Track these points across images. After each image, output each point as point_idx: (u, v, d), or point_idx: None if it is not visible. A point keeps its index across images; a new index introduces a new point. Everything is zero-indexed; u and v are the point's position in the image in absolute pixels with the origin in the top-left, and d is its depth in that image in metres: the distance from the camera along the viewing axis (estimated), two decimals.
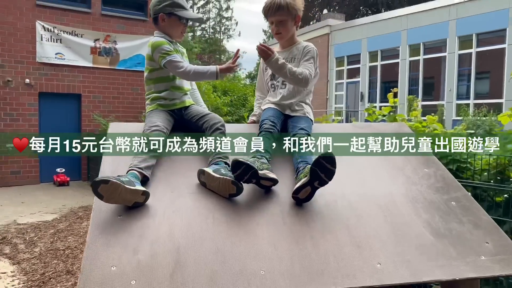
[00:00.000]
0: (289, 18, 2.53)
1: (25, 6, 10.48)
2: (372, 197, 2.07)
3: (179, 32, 2.52)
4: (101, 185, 1.69)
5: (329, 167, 1.89)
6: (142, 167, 1.94)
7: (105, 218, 1.74)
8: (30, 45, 10.60)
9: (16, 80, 10.52)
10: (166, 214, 1.80)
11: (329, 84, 20.87)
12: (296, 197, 1.97)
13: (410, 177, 2.25)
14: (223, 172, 1.96)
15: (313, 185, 1.93)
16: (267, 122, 2.33)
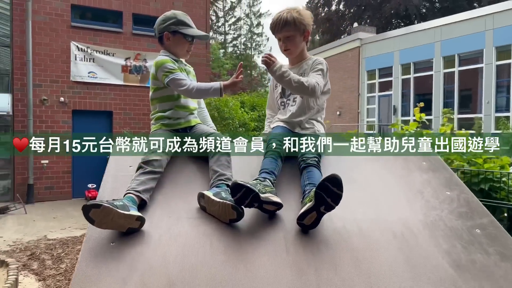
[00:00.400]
0: (297, 34, 2.44)
1: (61, 28, 10.90)
2: (385, 223, 1.91)
3: (184, 50, 2.47)
4: (92, 210, 1.62)
5: (335, 190, 1.75)
6: (139, 190, 1.87)
7: (97, 244, 1.66)
8: (64, 65, 10.99)
9: (51, 98, 10.90)
10: (161, 241, 1.71)
11: (361, 98, 20.51)
12: (301, 223, 1.84)
13: (429, 201, 2.07)
14: (224, 195, 1.86)
15: (319, 210, 1.79)
16: (274, 142, 2.22)
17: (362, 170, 2.29)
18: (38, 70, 10.72)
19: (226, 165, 2.10)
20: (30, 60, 10.53)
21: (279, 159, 2.15)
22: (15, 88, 10.60)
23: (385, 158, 2.41)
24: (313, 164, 2.11)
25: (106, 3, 11.46)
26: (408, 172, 2.29)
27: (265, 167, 2.07)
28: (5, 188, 11.21)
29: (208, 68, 13.09)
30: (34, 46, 10.56)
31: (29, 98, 10.55)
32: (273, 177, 2.01)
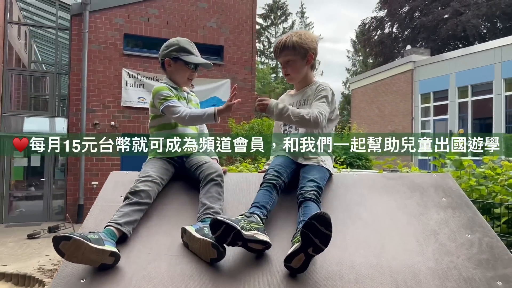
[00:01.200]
0: (297, 58, 2.29)
1: (114, 56, 11.47)
2: (389, 271, 1.67)
3: (185, 78, 2.40)
4: (62, 242, 1.54)
5: (323, 230, 1.56)
6: (121, 223, 1.78)
7: (67, 280, 1.58)
8: (116, 91, 11.50)
9: (103, 122, 11.40)
10: (133, 280, 1.59)
11: (414, 122, 19.66)
12: (289, 266, 1.64)
13: (444, 245, 1.80)
14: (206, 232, 1.72)
15: (306, 252, 1.60)
16: (270, 173, 2.06)
17: (370, 205, 2.06)
18: (92, 96, 11.29)
19: (216, 197, 1.97)
20: (85, 86, 11.13)
21: (274, 191, 1.98)
22: (71, 113, 11.22)
23: (399, 192, 2.16)
24: (311, 198, 1.92)
25: (156, 32, 11.95)
26: (424, 209, 2.03)
27: (256, 201, 1.92)
28: (59, 208, 11.77)
29: (252, 93, 13.15)
30: (89, 73, 11.17)
31: (82, 122, 11.10)
32: (263, 212, 1.85)
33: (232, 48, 12.90)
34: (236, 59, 12.93)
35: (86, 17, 11.12)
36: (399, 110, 20.45)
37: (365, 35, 32.75)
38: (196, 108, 2.48)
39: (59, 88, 12.72)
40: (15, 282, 6.03)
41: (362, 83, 23.88)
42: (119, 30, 11.59)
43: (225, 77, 12.65)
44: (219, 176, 2.06)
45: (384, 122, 21.55)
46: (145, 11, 11.91)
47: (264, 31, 40.72)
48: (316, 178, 2.04)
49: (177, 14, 12.22)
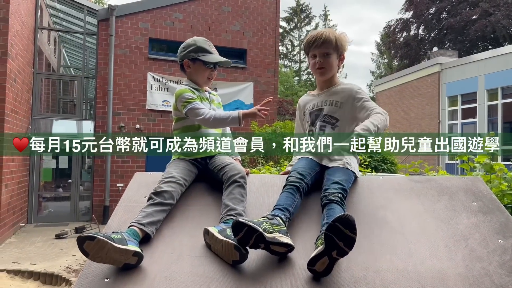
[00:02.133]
0: (335, 54, 2.28)
1: (139, 60, 11.66)
2: (416, 276, 1.61)
3: (205, 78, 2.40)
4: (86, 242, 1.56)
5: (348, 233, 1.52)
6: (144, 223, 1.79)
7: (91, 279, 1.59)
8: (141, 94, 11.68)
9: (128, 125, 11.59)
10: (156, 280, 1.59)
11: (441, 125, 19.22)
12: (312, 270, 1.61)
13: (475, 251, 1.73)
14: (228, 233, 1.70)
15: (330, 255, 1.56)
16: (293, 175, 2.04)
17: (397, 209, 2.00)
18: (117, 99, 11.51)
19: (239, 199, 1.95)
20: (111, 90, 11.35)
21: (298, 194, 1.95)
22: (97, 116, 11.46)
23: (427, 195, 2.10)
24: (335, 200, 1.88)
25: (180, 36, 12.08)
26: (453, 213, 1.96)
27: (278, 203, 1.89)
28: (86, 209, 12.02)
29: (275, 96, 13.13)
30: (115, 77, 11.39)
31: (108, 125, 11.33)
32: (285, 215, 1.82)
33: (255, 51, 12.92)
34: (259, 62, 12.95)
35: (113, 22, 11.36)
36: (425, 113, 20.04)
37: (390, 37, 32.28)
38: (219, 107, 2.48)
39: (87, 92, 13.01)
40: (43, 280, 6.17)
41: (387, 85, 23.52)
42: (144, 34, 11.79)
43: (248, 80, 12.68)
44: (242, 178, 2.05)
45: (410, 126, 21.15)
46: (169, 15, 12.07)
47: (288, 34, 40.67)
48: (341, 180, 2.00)
49: (201, 18, 12.34)
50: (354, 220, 1.53)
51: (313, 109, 2.36)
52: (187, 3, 12.24)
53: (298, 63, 40.92)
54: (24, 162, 10.58)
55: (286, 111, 26.31)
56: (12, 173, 9.38)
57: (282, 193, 1.97)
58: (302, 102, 2.51)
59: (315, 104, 2.36)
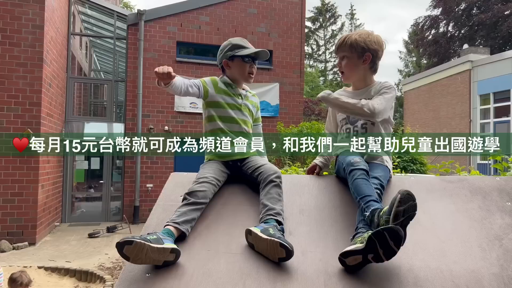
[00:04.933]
0: (353, 56, 2.29)
1: (167, 63, 11.88)
2: (449, 275, 1.62)
3: (245, 73, 2.43)
4: (126, 247, 1.63)
5: (392, 245, 1.54)
6: (178, 222, 1.86)
7: (133, 274, 1.67)
8: (169, 97, 11.91)
9: (157, 127, 11.84)
10: (194, 276, 1.66)
11: (472, 124, 18.73)
12: (343, 261, 1.65)
13: (510, 250, 1.73)
14: (271, 232, 1.75)
15: (366, 257, 1.59)
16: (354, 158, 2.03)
17: (429, 209, 2.01)
18: (147, 102, 11.78)
19: (276, 198, 2.00)
20: (141, 93, 11.63)
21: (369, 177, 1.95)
22: (127, 118, 11.76)
23: (460, 195, 2.10)
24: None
25: (207, 39, 12.26)
26: (487, 213, 1.95)
27: (367, 193, 1.83)
28: (116, 209, 12.34)
29: (301, 96, 13.14)
30: (144, 80, 11.66)
31: (138, 127, 11.60)
32: (381, 204, 1.80)
33: (281, 52, 12.96)
34: (285, 63, 12.98)
35: (141, 26, 11.64)
36: (456, 112, 19.59)
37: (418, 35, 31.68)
38: (254, 107, 2.52)
39: (117, 95, 13.35)
40: (78, 277, 6.39)
41: (415, 84, 23.10)
42: (172, 38, 12.02)
43: (274, 81, 12.73)
44: (278, 178, 2.09)
45: (440, 125, 20.70)
46: (196, 18, 12.26)
47: (313, 34, 40.50)
48: (380, 176, 2.03)
49: (227, 20, 12.48)
50: (403, 236, 1.53)
51: None
52: (213, 6, 12.40)
53: (323, 63, 40.68)
54: (58, 164, 10.96)
55: (312, 112, 26.18)
56: (48, 174, 9.74)
57: (357, 180, 1.92)
58: None
59: None
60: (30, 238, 8.86)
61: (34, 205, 8.93)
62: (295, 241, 1.83)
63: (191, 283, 1.63)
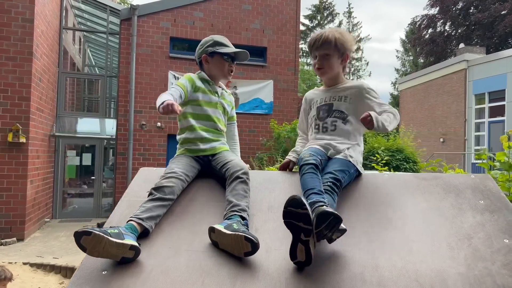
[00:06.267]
0: (335, 55, 2.28)
1: (160, 59, 11.82)
2: (414, 275, 1.57)
3: (224, 71, 2.41)
4: (83, 237, 1.58)
5: (300, 211, 1.57)
6: (142, 218, 1.80)
7: (90, 271, 1.62)
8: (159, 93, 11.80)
9: (150, 123, 11.76)
10: (152, 274, 1.61)
11: (467, 124, 18.72)
12: (297, 262, 1.61)
13: (478, 250, 1.68)
14: (235, 227, 1.71)
15: (300, 239, 1.59)
16: (306, 154, 2.05)
17: (400, 206, 1.96)
18: (139, 98, 11.68)
19: (242, 195, 1.95)
20: (133, 88, 11.54)
21: (318, 171, 1.96)
22: (119, 114, 11.67)
23: (433, 193, 2.05)
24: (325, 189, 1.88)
25: (201, 35, 12.16)
26: (459, 211, 1.91)
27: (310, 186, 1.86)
28: (108, 205, 12.28)
29: (295, 94, 13.08)
30: (136, 76, 11.57)
31: (130, 123, 11.51)
32: (324, 197, 1.80)
33: (275, 49, 12.89)
34: (279, 60, 12.91)
35: (135, 21, 11.54)
36: (451, 111, 19.57)
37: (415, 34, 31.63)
38: (230, 106, 2.49)
39: (110, 90, 13.26)
40: (64, 274, 6.33)
41: (411, 83, 23.07)
42: (165, 33, 11.92)
43: (268, 78, 12.66)
44: (244, 174, 2.04)
45: (435, 124, 20.69)
46: (190, 14, 12.17)
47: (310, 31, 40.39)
48: (336, 171, 1.99)
49: (221, 16, 12.39)
50: (300, 197, 1.58)
51: (321, 104, 2.36)
52: (207, 2, 12.31)
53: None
54: (49, 159, 10.88)
55: None
56: (37, 169, 9.66)
57: (304, 175, 1.94)
58: (308, 96, 2.51)
59: (323, 99, 2.36)
60: (19, 234, 8.79)
61: (23, 201, 8.86)
62: (260, 238, 1.77)
63: (148, 281, 1.58)
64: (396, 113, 2.17)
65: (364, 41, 41.10)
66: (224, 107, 2.45)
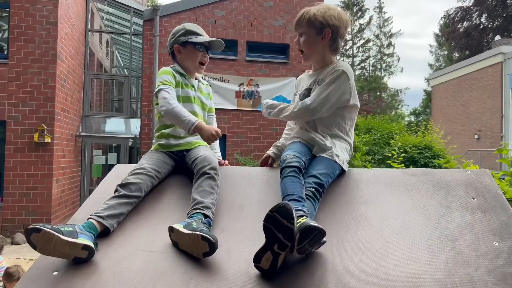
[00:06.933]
0: (311, 32, 2.07)
1: None
2: (385, 281, 1.40)
3: (196, 62, 2.30)
4: (33, 234, 1.51)
5: (285, 223, 1.39)
6: (103, 216, 1.72)
7: (41, 272, 1.55)
8: None
9: None
10: (104, 276, 1.52)
11: (504, 119, 17.84)
12: (259, 267, 1.46)
13: (462, 253, 1.49)
14: (194, 226, 1.59)
15: (272, 249, 1.42)
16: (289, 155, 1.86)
17: (381, 205, 1.78)
18: None
19: (207, 191, 1.83)
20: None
21: (301, 175, 1.78)
22: (143, 114, 11.79)
23: (420, 190, 1.85)
24: (308, 195, 1.72)
25: (223, 34, 12.12)
26: (446, 210, 1.71)
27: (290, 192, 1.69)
28: None
29: None
30: None
31: (154, 123, 11.60)
32: (304, 205, 1.64)
33: None
34: None
35: (157, 22, 11.63)
36: (486, 107, 18.71)
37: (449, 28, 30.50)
38: (208, 98, 2.38)
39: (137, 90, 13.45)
40: None
41: (443, 78, 22.25)
42: None
43: (290, 76, 12.47)
44: (212, 169, 1.92)
45: (469, 120, 19.86)
46: (212, 13, 12.15)
47: None
48: (320, 174, 1.81)
49: (243, 14, 12.30)
50: (292, 208, 1.40)
51: (303, 89, 2.18)
52: (229, 0, 12.25)
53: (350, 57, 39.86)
54: (76, 159, 11.14)
55: None
56: (63, 168, 9.89)
57: (285, 178, 1.77)
58: (297, 81, 2.35)
59: (306, 84, 2.18)
60: None
61: (49, 199, 9.09)
62: (224, 238, 1.67)
63: (98, 283, 1.49)
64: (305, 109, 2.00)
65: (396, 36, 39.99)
66: (202, 100, 2.34)
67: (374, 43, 39.99)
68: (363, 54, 40.03)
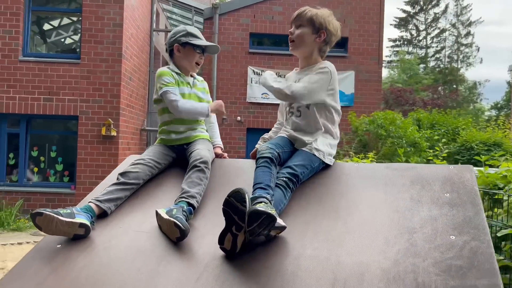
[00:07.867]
0: (309, 29, 2.18)
1: (240, 55, 12.20)
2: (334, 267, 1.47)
3: (193, 63, 2.47)
4: (37, 217, 1.79)
5: (240, 206, 1.54)
6: (101, 200, 1.97)
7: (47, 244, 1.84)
8: (242, 88, 12.21)
9: (230, 117, 12.22)
10: (94, 250, 1.76)
11: None
12: (223, 248, 1.63)
13: (416, 245, 1.50)
14: (174, 213, 1.79)
15: (231, 231, 1.58)
16: (263, 148, 2.00)
17: (354, 197, 1.84)
18: (220, 93, 12.20)
19: (195, 182, 2.01)
20: (215, 84, 12.09)
21: (273, 165, 1.90)
22: None
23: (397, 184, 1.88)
24: (278, 184, 1.84)
25: (280, 29, 12.26)
26: (415, 204, 1.73)
27: (258, 181, 1.83)
28: None
29: (378, 85, 12.50)
30: (218, 72, 12.10)
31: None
32: (269, 193, 1.77)
33: (357, 39, 12.45)
34: (362, 49, 12.44)
35: (216, 20, 12.06)
36: None
37: None
38: (204, 93, 2.54)
39: None
40: None
41: None
42: (245, 30, 12.25)
43: (349, 69, 12.29)
44: (202, 163, 2.10)
45: None
46: (269, 9, 12.33)
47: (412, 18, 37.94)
48: (295, 165, 1.93)
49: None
50: (245, 193, 1.55)
51: None
52: None
53: (424, 49, 37.92)
54: (141, 151, 11.93)
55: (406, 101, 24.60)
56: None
57: (257, 168, 1.92)
58: (286, 78, 2.45)
59: (294, 80, 2.27)
60: None
61: None
62: (202, 223, 1.85)
63: (89, 256, 1.74)
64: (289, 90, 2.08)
65: (475, 25, 37.26)
66: (199, 96, 2.50)
67: (450, 32, 37.66)
68: (437, 44, 37.88)
